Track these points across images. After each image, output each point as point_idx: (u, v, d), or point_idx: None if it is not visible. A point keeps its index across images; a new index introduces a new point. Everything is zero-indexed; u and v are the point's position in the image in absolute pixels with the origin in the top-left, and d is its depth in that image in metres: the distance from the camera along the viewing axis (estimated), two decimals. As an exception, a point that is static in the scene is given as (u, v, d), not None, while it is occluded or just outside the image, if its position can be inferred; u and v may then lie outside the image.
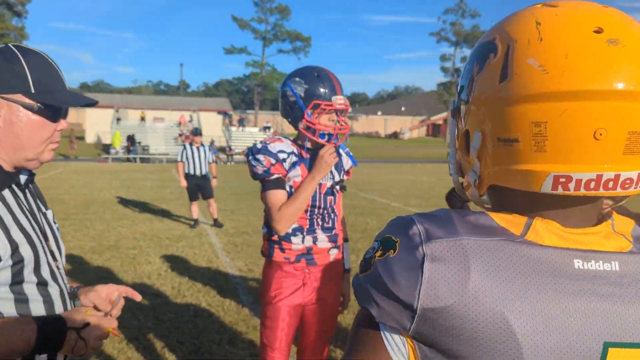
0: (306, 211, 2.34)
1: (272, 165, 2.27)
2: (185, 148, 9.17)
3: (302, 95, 2.28)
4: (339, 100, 2.28)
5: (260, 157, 2.27)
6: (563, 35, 0.65)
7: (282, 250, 2.36)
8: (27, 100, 1.30)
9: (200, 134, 9.29)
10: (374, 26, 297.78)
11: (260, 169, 2.27)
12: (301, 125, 2.31)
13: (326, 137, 2.30)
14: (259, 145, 2.31)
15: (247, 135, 42.15)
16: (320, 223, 2.39)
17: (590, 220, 0.74)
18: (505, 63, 0.69)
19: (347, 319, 4.59)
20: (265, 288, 2.41)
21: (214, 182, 9.49)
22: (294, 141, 2.39)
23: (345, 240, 2.55)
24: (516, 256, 0.68)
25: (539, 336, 0.66)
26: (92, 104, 1.44)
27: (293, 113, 2.33)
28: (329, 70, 2.34)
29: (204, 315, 4.74)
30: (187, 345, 4.05)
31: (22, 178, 1.39)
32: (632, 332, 0.67)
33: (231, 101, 68.01)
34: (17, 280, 1.26)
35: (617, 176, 0.65)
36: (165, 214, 10.68)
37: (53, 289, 1.35)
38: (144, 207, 11.62)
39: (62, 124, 1.38)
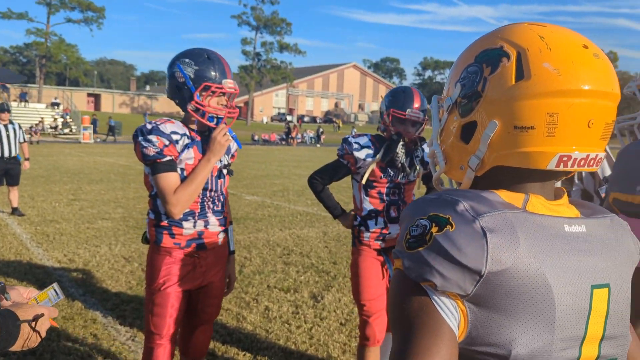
0: (198, 194, 2.33)
1: (166, 146, 2.19)
2: (-11, 126, 7.92)
3: (192, 76, 2.24)
4: (229, 84, 2.30)
5: (152, 137, 2.18)
6: (565, 47, 0.86)
7: (172, 235, 2.32)
8: None
9: (8, 110, 8.05)
10: (171, 3, 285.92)
11: (152, 151, 2.18)
12: (190, 107, 2.27)
13: (215, 120, 2.30)
14: (149, 126, 2.21)
15: (31, 112, 37.43)
16: (211, 206, 2.40)
17: (553, 195, 0.96)
18: (520, 66, 0.86)
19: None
20: (152, 275, 2.35)
21: (26, 165, 8.40)
22: (184, 123, 2.34)
23: (230, 223, 2.60)
24: (534, 224, 0.84)
25: (561, 285, 0.83)
26: (21, 79, 1.32)
27: (181, 94, 2.28)
28: (218, 53, 2.35)
29: (30, 312, 4.28)
30: (19, 346, 3.65)
31: None
32: (603, 275, 0.88)
33: (7, 72, 59.39)
34: None
35: (596, 156, 0.88)
36: (-56, 202, 9.12)
37: None
38: None
39: None
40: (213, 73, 2.27)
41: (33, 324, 1.24)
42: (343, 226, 3.07)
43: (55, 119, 36.78)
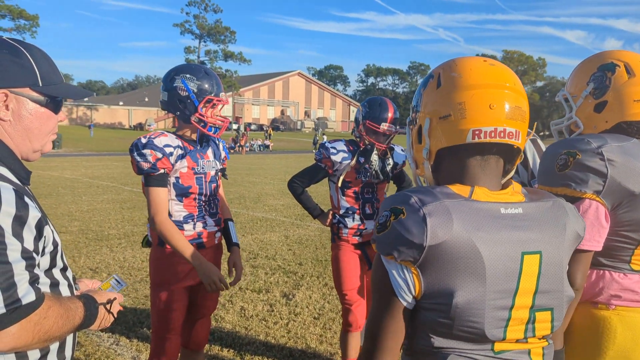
0: (194, 199, 2.55)
1: (159, 159, 2.39)
2: None
3: (195, 90, 2.47)
4: (224, 96, 2.57)
5: (147, 151, 2.37)
6: (467, 62, 1.23)
7: None
8: (35, 94, 1.35)
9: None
10: (106, 11, 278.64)
11: (146, 165, 2.38)
12: (193, 119, 2.50)
13: (213, 129, 2.55)
14: (144, 140, 2.41)
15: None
16: (207, 209, 2.63)
17: (498, 187, 1.23)
18: (438, 80, 1.23)
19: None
20: (157, 274, 2.54)
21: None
22: (176, 135, 2.54)
23: (230, 220, 2.83)
24: (472, 208, 1.13)
25: (491, 252, 1.10)
26: (89, 95, 1.53)
27: (183, 107, 2.49)
28: (210, 69, 2.60)
29: None
30: None
31: None
32: (534, 245, 1.15)
33: None
34: (51, 266, 1.33)
35: (504, 130, 1.16)
36: None
37: (69, 273, 1.44)
38: None
39: (61, 115, 1.45)
40: (212, 87, 2.52)
41: (108, 306, 1.46)
42: (322, 224, 3.34)
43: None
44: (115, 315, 1.50)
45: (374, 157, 3.14)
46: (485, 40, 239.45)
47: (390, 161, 3.27)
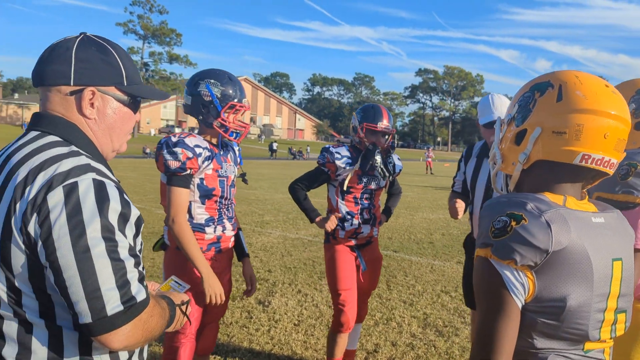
0: (215, 202, 2.53)
1: (189, 159, 2.36)
2: None
3: (219, 96, 2.46)
4: (246, 103, 2.57)
5: (178, 150, 2.34)
6: (592, 82, 1.24)
7: None
8: (119, 93, 1.33)
9: None
10: (39, 5, 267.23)
11: (175, 164, 2.34)
12: (216, 124, 2.48)
13: (234, 134, 2.54)
14: (175, 139, 2.37)
15: None
16: (226, 213, 2.61)
17: (580, 196, 1.34)
18: (560, 92, 1.23)
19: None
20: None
21: None
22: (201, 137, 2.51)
23: (239, 228, 2.80)
24: (577, 217, 1.20)
25: (596, 258, 1.18)
26: (168, 97, 1.52)
27: (206, 111, 2.48)
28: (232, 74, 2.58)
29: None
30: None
31: None
32: (617, 252, 1.25)
33: None
34: None
35: (609, 160, 1.22)
36: None
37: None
38: None
39: (138, 115, 1.42)
40: (235, 93, 2.52)
41: (184, 307, 1.42)
42: (318, 227, 3.35)
43: None
44: (187, 318, 1.46)
45: (377, 155, 3.20)
46: (427, 55, 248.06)
47: (392, 160, 3.34)
